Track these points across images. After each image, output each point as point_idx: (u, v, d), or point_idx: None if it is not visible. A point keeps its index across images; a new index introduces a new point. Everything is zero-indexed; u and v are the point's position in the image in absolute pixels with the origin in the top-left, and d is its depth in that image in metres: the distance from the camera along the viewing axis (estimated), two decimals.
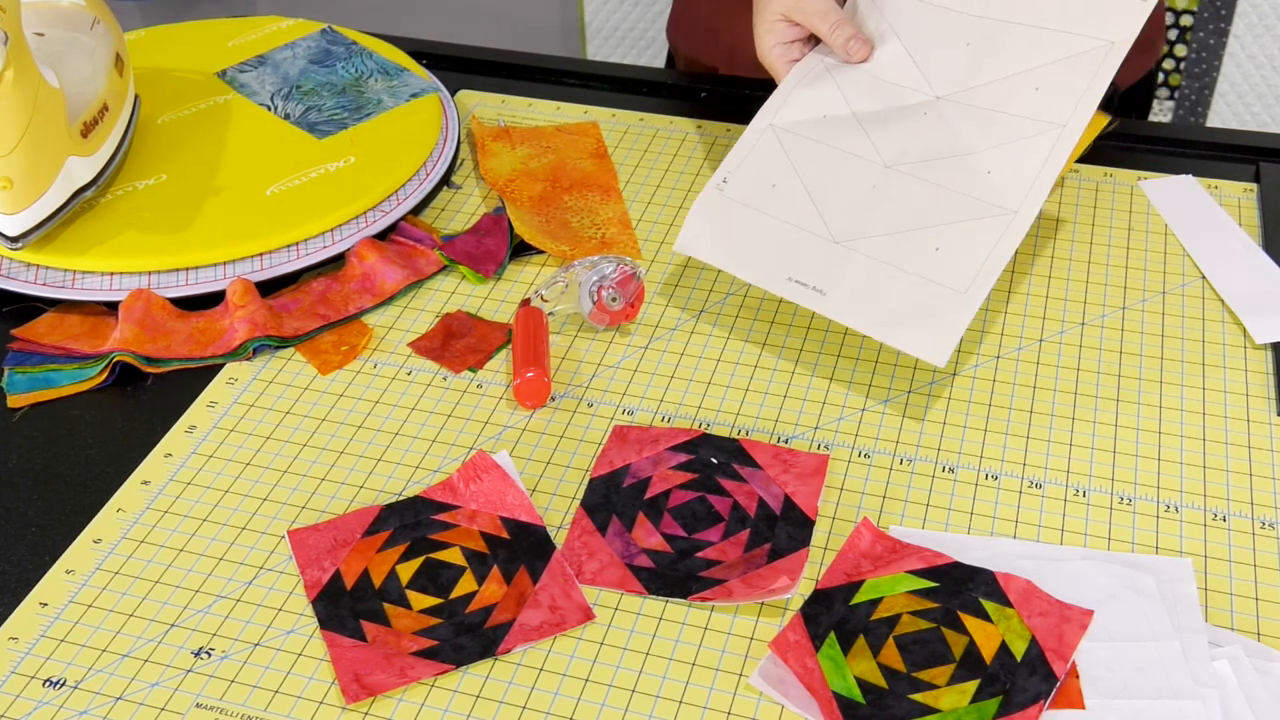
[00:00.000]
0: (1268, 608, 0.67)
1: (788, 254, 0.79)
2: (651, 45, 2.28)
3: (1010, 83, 0.82)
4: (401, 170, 0.94)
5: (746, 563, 0.69)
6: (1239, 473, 0.74)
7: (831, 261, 0.78)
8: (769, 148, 0.84)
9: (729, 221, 0.81)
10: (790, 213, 0.81)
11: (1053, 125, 0.79)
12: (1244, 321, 0.84)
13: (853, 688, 0.62)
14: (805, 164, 0.82)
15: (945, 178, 0.79)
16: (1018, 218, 0.77)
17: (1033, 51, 0.82)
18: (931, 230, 0.77)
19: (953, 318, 0.74)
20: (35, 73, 0.82)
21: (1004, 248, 0.76)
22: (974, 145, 0.80)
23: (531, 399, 0.79)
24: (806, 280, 0.77)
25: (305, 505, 0.73)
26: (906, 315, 0.75)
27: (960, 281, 0.75)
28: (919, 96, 0.84)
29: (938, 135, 0.82)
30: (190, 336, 0.84)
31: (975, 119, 0.81)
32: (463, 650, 0.65)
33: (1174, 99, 2.12)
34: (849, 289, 0.77)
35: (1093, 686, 0.62)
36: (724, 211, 0.82)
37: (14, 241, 0.84)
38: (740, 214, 0.81)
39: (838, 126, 0.84)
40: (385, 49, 1.07)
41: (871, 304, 0.76)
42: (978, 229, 0.77)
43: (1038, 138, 0.79)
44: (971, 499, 0.73)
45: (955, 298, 0.75)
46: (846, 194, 0.80)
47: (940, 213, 0.78)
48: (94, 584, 0.69)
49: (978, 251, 0.76)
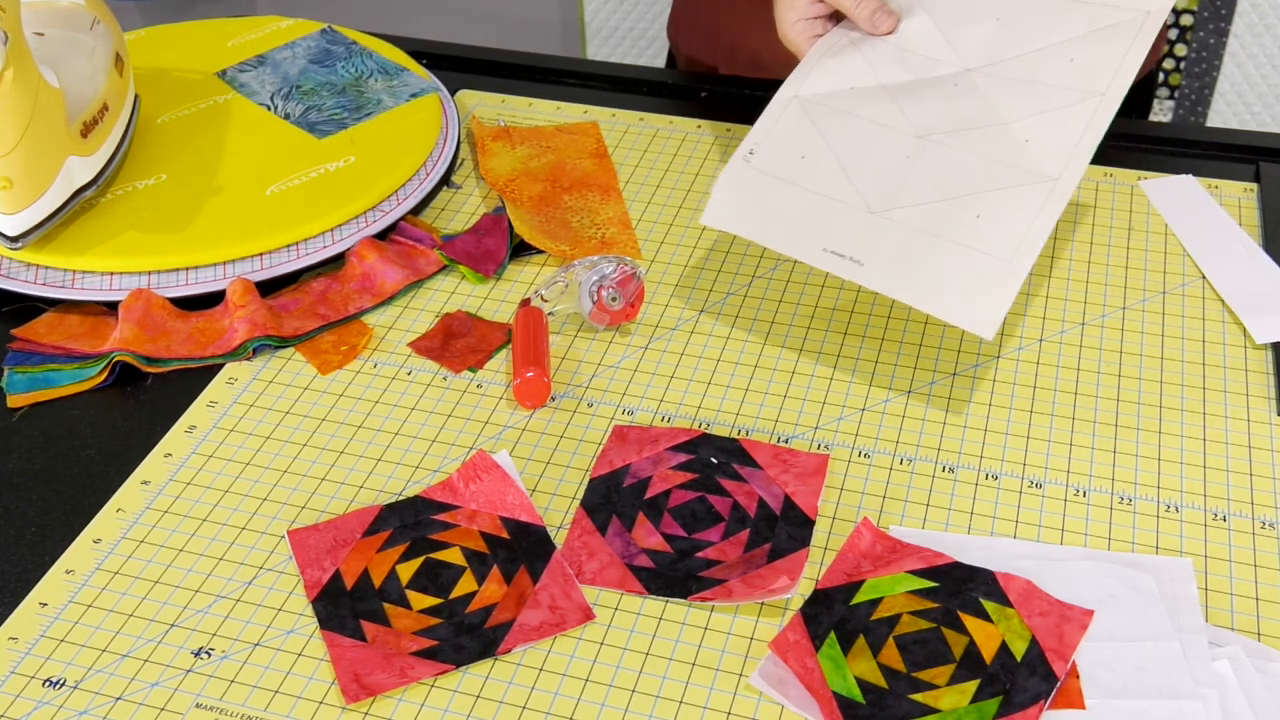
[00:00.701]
0: (1268, 608, 0.67)
1: (822, 224, 0.77)
2: (651, 45, 2.28)
3: (1043, 54, 0.80)
4: (401, 170, 0.93)
5: (746, 563, 0.69)
6: (1239, 472, 0.74)
7: (868, 231, 0.76)
8: (795, 119, 0.82)
9: (758, 193, 0.79)
10: (821, 183, 0.78)
11: (1092, 93, 0.77)
12: (1244, 321, 0.84)
13: (853, 688, 0.62)
14: (834, 135, 0.80)
15: (981, 147, 0.77)
16: (1059, 184, 0.74)
17: (1065, 24, 0.81)
18: (970, 198, 0.75)
19: (999, 288, 0.71)
20: (35, 72, 0.82)
21: (1048, 214, 0.73)
22: (1009, 115, 0.78)
23: (531, 399, 0.79)
24: (843, 251, 0.75)
25: (305, 505, 0.73)
26: (950, 285, 0.72)
27: (1004, 249, 0.73)
28: (948, 69, 0.82)
29: (970, 105, 0.80)
30: (190, 336, 0.84)
31: (1008, 89, 0.79)
32: (463, 650, 0.65)
33: (1174, 99, 2.12)
34: (887, 258, 0.74)
35: (1093, 686, 0.62)
36: (752, 183, 0.80)
37: (14, 241, 0.84)
38: (769, 185, 0.79)
39: (866, 98, 0.82)
40: (385, 49, 1.07)
41: (913, 273, 0.73)
42: (1019, 196, 0.74)
43: (1077, 105, 0.77)
44: (971, 499, 0.73)
45: (1000, 265, 0.72)
46: (879, 164, 0.78)
47: (978, 181, 0.76)
48: (94, 584, 0.69)
49: (1021, 218, 0.73)
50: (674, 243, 0.92)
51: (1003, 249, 0.73)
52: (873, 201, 0.76)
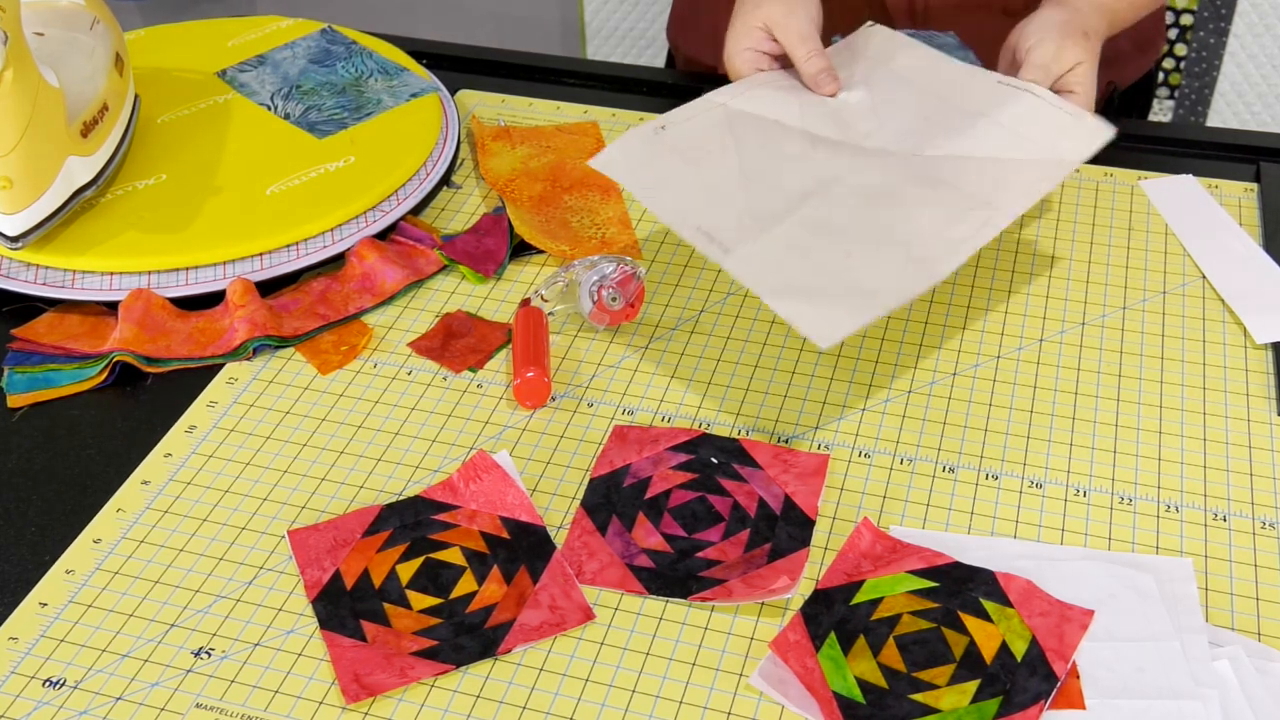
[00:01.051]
0: (1268, 608, 0.67)
1: (703, 207, 0.78)
2: (651, 45, 2.28)
3: (959, 161, 0.83)
4: (401, 170, 0.93)
5: (746, 563, 0.69)
6: (1239, 472, 0.74)
7: (743, 228, 0.77)
8: (715, 120, 0.84)
9: (655, 159, 0.80)
10: (715, 179, 0.80)
11: (988, 206, 0.79)
12: (1244, 321, 0.84)
13: (853, 688, 0.62)
14: (745, 149, 0.82)
15: (870, 212, 0.80)
16: (926, 266, 0.75)
17: (987, 142, 0.84)
18: (844, 243, 0.77)
19: (848, 315, 0.72)
20: (35, 72, 0.82)
21: (906, 288, 0.74)
22: (907, 199, 0.81)
23: (531, 399, 0.79)
24: (714, 235, 0.76)
25: (305, 505, 0.73)
26: (804, 293, 0.73)
27: (865, 287, 0.74)
28: (871, 143, 0.85)
29: (877, 178, 0.82)
30: (190, 336, 0.84)
31: (917, 179, 0.82)
32: (463, 650, 0.65)
33: (1174, 98, 2.12)
34: (753, 254, 0.75)
35: (1093, 686, 0.62)
36: (653, 149, 0.81)
37: (14, 241, 0.84)
38: (669, 158, 0.81)
39: (787, 135, 0.84)
40: (385, 49, 1.07)
41: (772, 273, 0.74)
42: (888, 259, 0.76)
43: (970, 212, 0.79)
44: (971, 499, 0.73)
45: (855, 299, 0.73)
46: (775, 188, 0.80)
47: (857, 234, 0.78)
48: (94, 584, 0.69)
49: (884, 275, 0.75)
50: (674, 243, 0.92)
51: (863, 286, 0.73)
52: (757, 210, 0.78)
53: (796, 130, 0.85)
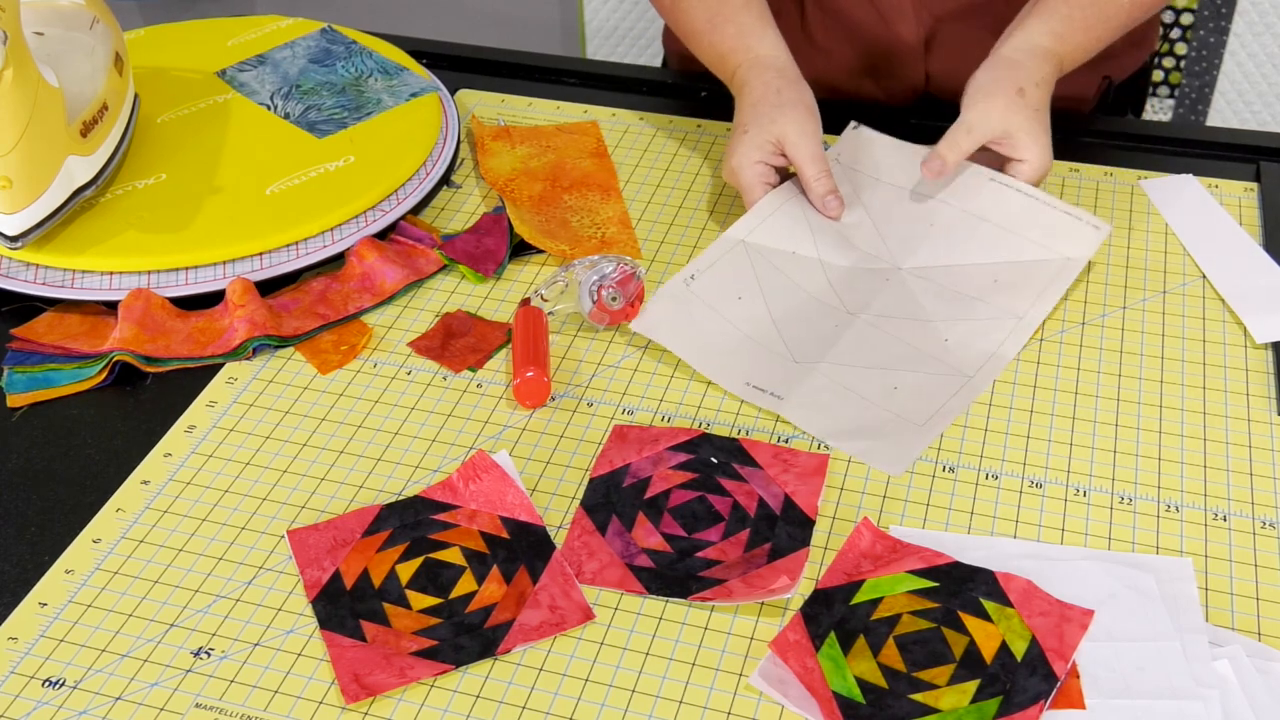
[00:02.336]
0: (1268, 607, 0.67)
1: (747, 362, 0.80)
2: (651, 45, 2.28)
3: (969, 270, 0.86)
4: (401, 170, 0.93)
5: (746, 563, 0.69)
6: (1239, 472, 0.74)
7: (790, 376, 0.79)
8: (738, 260, 0.86)
9: (692, 316, 0.83)
10: (751, 328, 0.82)
11: (1011, 315, 0.83)
12: (1244, 321, 0.84)
13: (853, 688, 0.62)
14: (771, 291, 0.84)
15: (904, 334, 0.82)
16: (972, 382, 0.79)
17: (993, 248, 0.87)
18: (889, 372, 0.80)
19: (910, 442, 0.76)
20: (34, 72, 0.82)
21: (959, 401, 0.78)
22: (933, 314, 0.84)
23: (531, 398, 0.78)
24: (765, 387, 0.79)
25: (305, 505, 0.73)
26: (863, 431, 0.76)
27: (918, 418, 0.77)
28: (883, 264, 0.87)
29: (899, 299, 0.85)
30: (190, 336, 0.84)
31: (935, 293, 0.85)
32: (462, 650, 0.65)
33: (1174, 97, 2.12)
34: (806, 399, 0.78)
35: (1093, 686, 0.62)
36: (688, 306, 0.83)
37: (13, 241, 0.84)
38: (703, 313, 0.83)
39: (805, 267, 0.86)
40: (385, 48, 1.07)
41: (829, 415, 0.77)
42: (935, 382, 0.79)
43: (996, 321, 0.83)
44: (971, 499, 0.73)
45: (912, 428, 0.76)
46: (808, 326, 0.83)
47: (898, 361, 0.81)
48: (93, 584, 0.69)
49: (934, 399, 0.78)
50: (674, 242, 0.92)
51: (917, 417, 0.77)
52: (797, 353, 0.80)
53: (814, 260, 0.87)
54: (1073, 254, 0.86)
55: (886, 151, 0.93)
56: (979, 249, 0.87)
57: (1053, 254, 0.86)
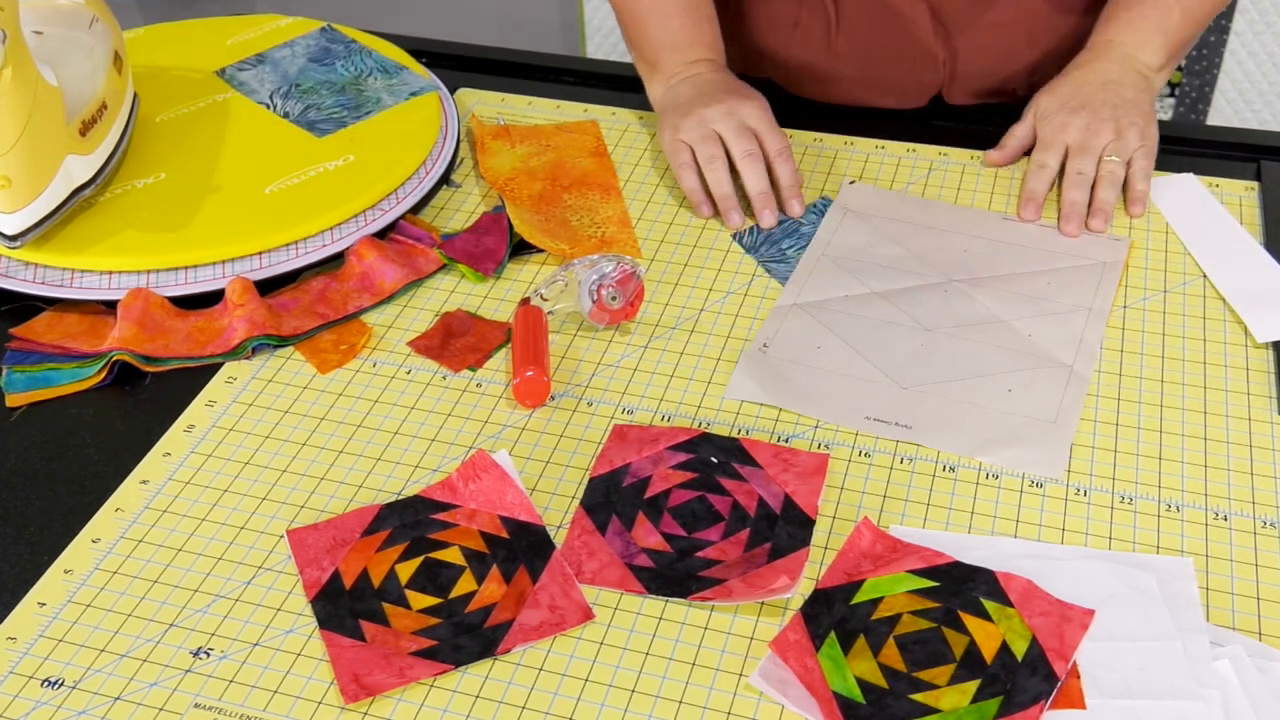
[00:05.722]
0: (1269, 607, 0.66)
1: (856, 398, 0.79)
2: None
3: (1018, 278, 0.87)
4: (401, 169, 0.93)
5: (746, 562, 0.69)
6: (1240, 472, 0.74)
7: (906, 402, 0.78)
8: (800, 320, 0.85)
9: (781, 374, 0.81)
10: (843, 366, 0.81)
11: (1079, 308, 0.84)
12: (1245, 320, 0.84)
13: (853, 688, 0.62)
14: (843, 330, 0.84)
15: (988, 339, 0.82)
16: (1075, 371, 0.80)
17: (1031, 261, 0.88)
18: (996, 377, 0.80)
19: (1055, 442, 0.75)
20: (34, 71, 0.81)
21: (1074, 392, 0.78)
22: (1005, 315, 0.84)
23: (531, 398, 0.78)
24: (886, 419, 0.77)
25: (304, 505, 0.73)
26: (1005, 439, 0.76)
27: (1046, 414, 0.77)
28: (932, 279, 0.88)
29: (965, 306, 0.85)
30: (189, 335, 0.83)
31: (996, 296, 0.86)
32: (462, 650, 0.65)
33: (1175, 97, 2.12)
34: (933, 422, 0.77)
35: (1094, 686, 0.62)
36: (773, 368, 0.81)
37: (12, 240, 0.83)
38: (789, 369, 0.81)
39: (863, 303, 0.86)
40: (384, 47, 1.07)
41: (963, 433, 0.76)
42: (1041, 375, 0.79)
43: (1068, 314, 0.84)
44: (972, 498, 0.73)
45: (1047, 426, 0.76)
46: (894, 352, 0.82)
47: (996, 365, 0.80)
48: (92, 583, 0.69)
49: (1051, 392, 0.78)
50: (674, 241, 0.92)
51: (1044, 414, 0.77)
52: (901, 380, 0.80)
53: (868, 295, 0.87)
54: (1108, 258, 0.88)
55: (890, 199, 0.95)
56: (1018, 262, 0.88)
57: (1088, 260, 0.88)
